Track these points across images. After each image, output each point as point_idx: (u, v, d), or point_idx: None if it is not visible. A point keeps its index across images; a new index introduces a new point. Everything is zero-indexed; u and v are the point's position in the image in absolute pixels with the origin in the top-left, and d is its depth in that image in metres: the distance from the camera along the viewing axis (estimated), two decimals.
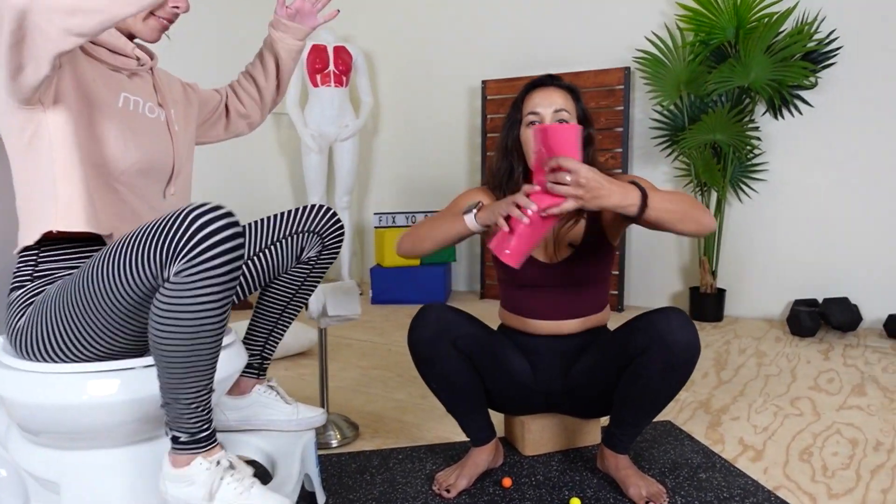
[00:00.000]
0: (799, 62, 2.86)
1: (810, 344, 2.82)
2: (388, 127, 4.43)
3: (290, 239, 1.41)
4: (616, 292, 3.52)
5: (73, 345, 1.08)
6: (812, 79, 3.01)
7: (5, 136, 1.12)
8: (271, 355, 1.48)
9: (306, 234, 1.42)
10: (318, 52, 3.93)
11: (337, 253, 1.48)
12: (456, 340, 1.49)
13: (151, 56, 1.33)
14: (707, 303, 3.24)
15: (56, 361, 1.10)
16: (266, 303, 1.45)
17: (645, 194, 1.27)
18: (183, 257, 0.96)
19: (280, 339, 1.49)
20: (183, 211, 0.97)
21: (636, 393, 1.43)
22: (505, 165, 1.57)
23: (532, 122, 1.52)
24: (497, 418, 1.99)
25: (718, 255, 3.26)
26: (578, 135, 1.25)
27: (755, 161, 3.22)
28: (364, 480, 1.63)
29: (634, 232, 3.59)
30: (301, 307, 1.49)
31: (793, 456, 1.72)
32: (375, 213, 3.89)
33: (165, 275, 0.98)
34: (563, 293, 1.60)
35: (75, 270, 1.10)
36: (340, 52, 3.97)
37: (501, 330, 1.73)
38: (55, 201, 1.10)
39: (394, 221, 3.89)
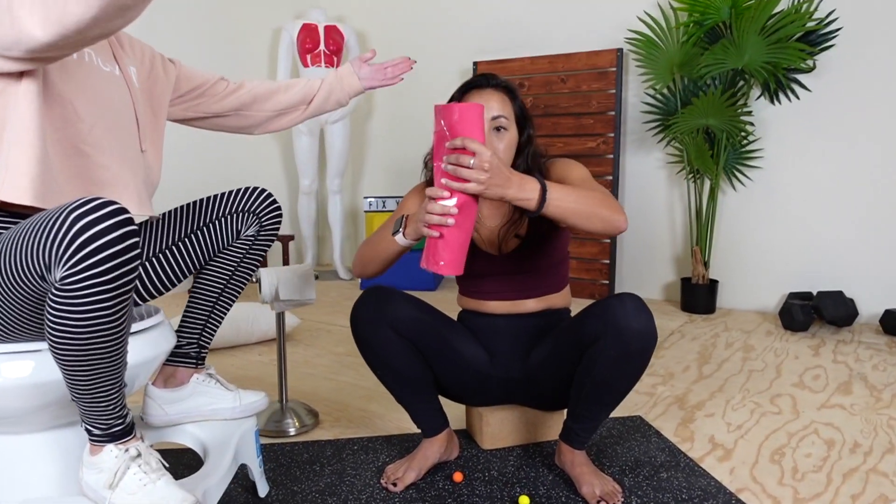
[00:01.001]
0: (795, 44, 2.73)
1: (801, 339, 2.72)
2: (381, 110, 4.34)
3: (226, 219, 1.35)
4: (607, 282, 3.43)
5: None
6: (809, 61, 2.88)
7: None
8: (209, 343, 1.42)
9: (244, 215, 1.36)
10: (309, 31, 3.85)
11: (274, 234, 1.42)
12: (395, 324, 1.42)
13: None
14: (699, 294, 3.15)
15: None
16: (202, 287, 1.39)
17: (545, 189, 1.20)
18: (64, 264, 0.87)
19: (218, 325, 1.42)
20: (64, 210, 0.88)
21: (590, 383, 1.36)
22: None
23: None
24: (458, 410, 1.93)
25: (711, 245, 3.16)
26: (482, 114, 1.18)
27: (749, 148, 3.10)
28: (313, 471, 1.57)
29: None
30: (239, 291, 1.43)
31: (763, 456, 1.64)
32: (366, 198, 3.83)
33: (51, 279, 0.90)
34: (519, 276, 1.54)
35: None
36: (332, 31, 3.89)
37: (462, 315, 1.66)
38: (5, 168, 1.02)
39: (384, 206, 3.82)
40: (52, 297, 0.90)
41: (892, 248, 2.88)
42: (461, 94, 1.48)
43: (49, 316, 0.91)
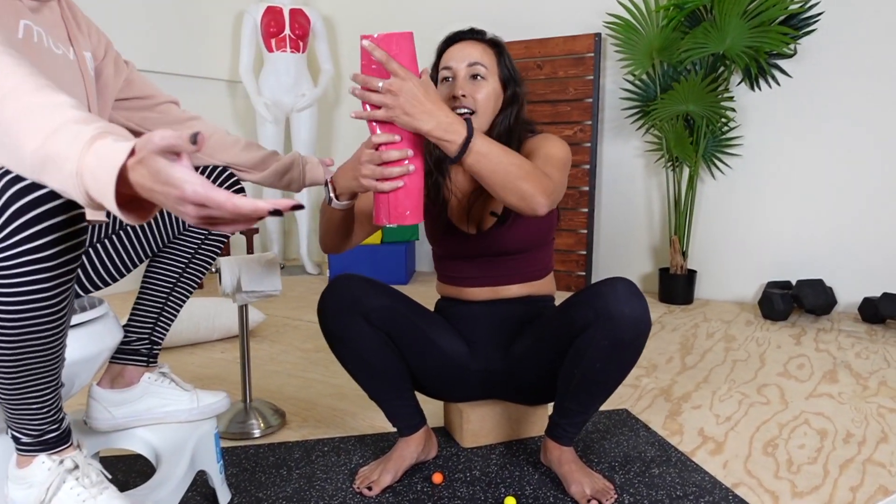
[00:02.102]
0: (777, 27, 2.68)
1: (782, 328, 2.68)
2: (350, 97, 4.20)
3: None
4: (583, 273, 3.35)
5: None
6: (791, 46, 2.83)
7: None
8: (162, 339, 1.28)
9: None
10: (273, 14, 3.69)
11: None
12: (368, 314, 1.31)
13: None
14: (677, 284, 3.09)
15: None
16: (154, 276, 1.25)
17: (470, 136, 1.09)
18: None
19: (172, 320, 1.29)
20: None
21: (580, 375, 1.26)
22: None
23: (446, 79, 1.35)
24: (436, 406, 1.82)
25: (690, 235, 3.10)
26: (412, 43, 1.05)
27: (729, 135, 3.05)
28: (280, 476, 1.45)
29: (604, 210, 3.42)
30: (195, 281, 1.30)
31: (756, 449, 1.57)
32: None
33: None
34: (500, 259, 1.43)
35: None
36: (297, 15, 3.73)
37: (440, 304, 1.55)
38: None
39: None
40: None
41: (870, 236, 2.86)
42: (444, 46, 1.38)
43: None
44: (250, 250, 3.74)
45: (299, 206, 0.62)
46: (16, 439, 0.90)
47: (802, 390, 1.96)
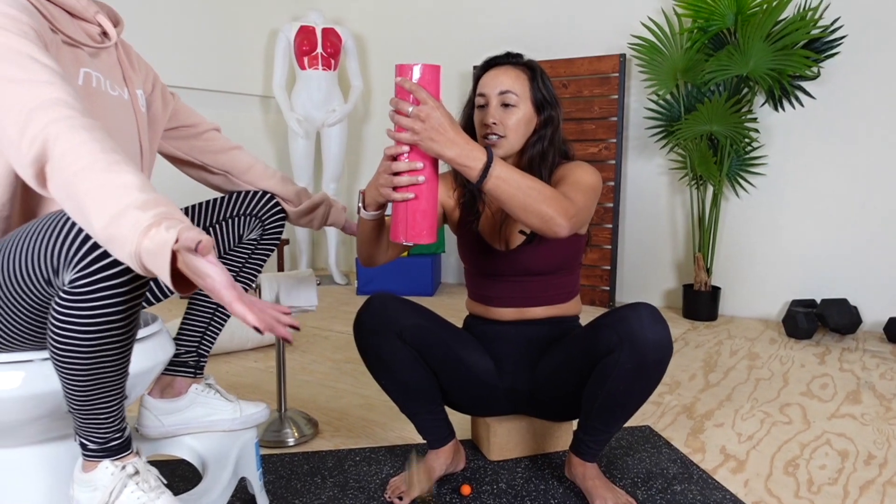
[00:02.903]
0: (800, 51, 2.71)
1: (806, 347, 2.69)
2: (379, 113, 4.30)
3: (229, 222, 1.30)
4: (608, 288, 3.39)
5: None
6: (814, 69, 2.86)
7: None
8: (209, 351, 1.36)
9: (246, 218, 1.31)
10: (306, 33, 3.81)
11: (278, 238, 1.37)
12: (402, 332, 1.37)
13: (116, 22, 1.17)
14: (701, 301, 3.11)
15: None
16: (201, 294, 1.33)
17: (490, 162, 1.15)
18: (75, 266, 0.83)
19: (218, 333, 1.37)
20: None
21: (604, 395, 1.31)
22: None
23: (480, 106, 1.42)
24: (464, 420, 1.88)
25: (714, 252, 3.13)
26: (439, 75, 1.14)
27: (753, 154, 3.08)
28: (314, 484, 1.52)
29: (628, 226, 3.46)
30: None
31: (777, 468, 1.60)
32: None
33: (59, 282, 0.86)
34: (527, 280, 1.49)
35: None
36: (329, 34, 3.84)
37: (468, 321, 1.62)
38: None
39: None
40: (58, 301, 0.85)
41: (895, 255, 2.86)
42: (481, 70, 1.45)
43: (54, 321, 0.86)
44: (281, 260, 3.84)
45: (287, 340, 0.83)
46: (83, 446, 0.98)
47: (825, 410, 1.98)
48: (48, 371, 1.01)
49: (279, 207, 1.36)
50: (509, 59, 1.44)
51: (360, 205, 1.31)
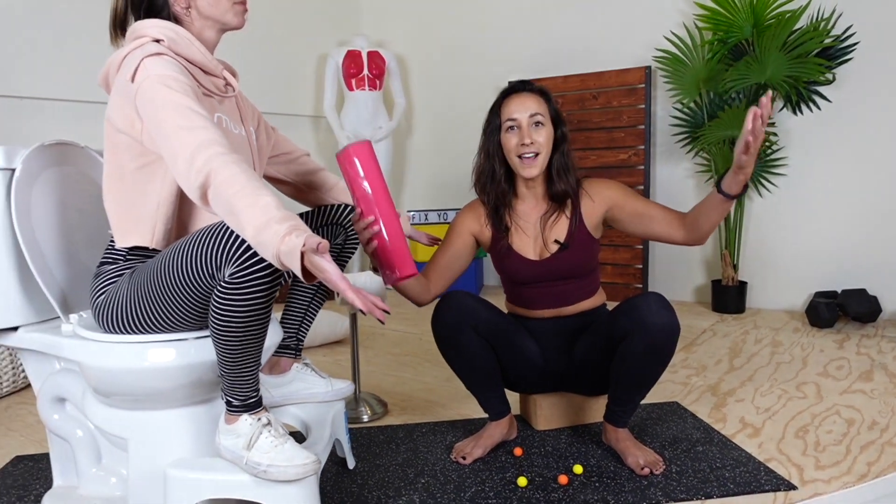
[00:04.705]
0: (815, 59, 2.92)
1: (827, 334, 2.89)
2: (421, 127, 4.61)
3: (320, 230, 1.60)
4: (640, 286, 3.63)
5: (143, 322, 1.28)
6: (829, 74, 3.07)
7: (114, 152, 1.29)
8: (305, 336, 1.67)
9: (333, 227, 1.60)
10: (353, 57, 4.14)
11: (358, 243, 1.66)
12: (477, 325, 1.65)
13: (234, 74, 1.47)
14: (729, 295, 3.33)
15: (128, 333, 1.30)
16: (299, 288, 1.64)
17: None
18: (234, 262, 1.13)
19: (312, 321, 1.67)
20: None
21: (624, 372, 1.58)
22: (488, 168, 1.72)
23: (511, 128, 1.65)
24: (512, 397, 2.15)
25: (740, 249, 3.34)
26: (371, 150, 1.34)
27: (774, 156, 3.29)
28: (390, 449, 1.81)
29: None
30: (329, 291, 1.68)
31: (789, 433, 1.83)
32: (409, 211, 4.08)
33: (220, 276, 1.16)
34: (557, 285, 1.75)
35: (149, 261, 1.29)
36: (374, 56, 4.17)
37: (510, 317, 1.89)
38: (153, 225, 1.30)
39: (426, 218, 4.07)
40: (219, 290, 1.15)
41: None
42: (502, 98, 1.69)
43: (216, 305, 1.17)
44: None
45: (381, 320, 1.13)
46: (228, 403, 1.29)
47: (838, 387, 2.20)
48: (196, 348, 1.32)
49: None
50: (526, 87, 1.68)
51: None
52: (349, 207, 1.62)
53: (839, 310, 3.02)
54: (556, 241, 1.72)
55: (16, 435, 2.03)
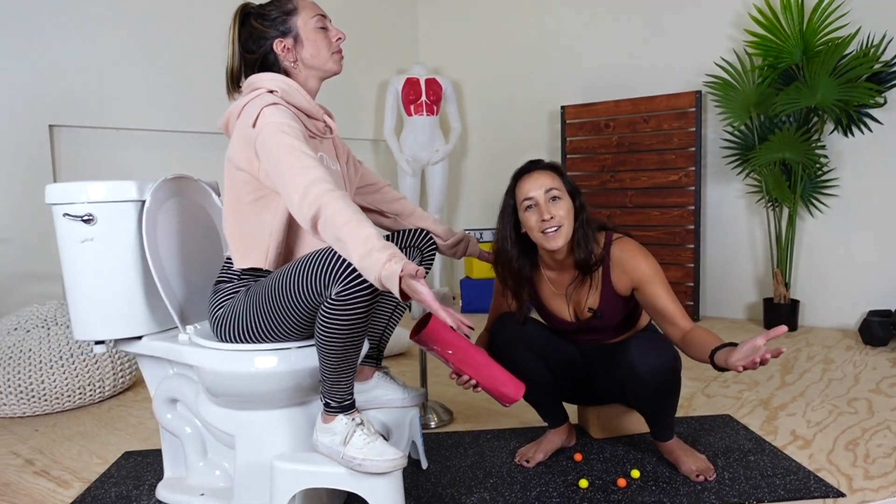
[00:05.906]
0: (864, 83, 2.99)
1: (881, 353, 2.93)
2: (476, 149, 4.80)
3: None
4: (692, 303, 3.71)
5: (257, 332, 1.48)
6: (879, 98, 3.12)
7: (233, 186, 1.50)
8: (385, 347, 1.85)
9: (411, 249, 1.78)
10: (411, 84, 4.37)
11: (432, 263, 1.84)
12: (530, 343, 1.81)
13: (331, 116, 1.67)
14: (781, 313, 3.39)
15: (242, 342, 1.51)
16: (380, 304, 1.83)
17: None
18: (341, 282, 1.32)
19: (391, 333, 1.86)
20: None
21: (639, 408, 1.73)
22: (509, 249, 1.77)
23: (529, 206, 1.68)
24: (571, 407, 2.29)
25: (792, 267, 3.40)
26: (436, 323, 1.41)
27: (825, 177, 3.35)
28: (459, 453, 1.97)
29: (709, 246, 3.77)
30: (406, 306, 1.86)
31: (839, 446, 1.92)
32: (465, 229, 4.26)
33: (328, 293, 1.35)
34: (598, 335, 1.88)
35: (263, 280, 1.50)
36: (432, 83, 4.39)
37: None
38: (266, 249, 1.51)
39: (481, 236, 4.24)
40: (326, 306, 1.35)
41: None
42: (515, 180, 1.73)
43: (322, 319, 1.36)
44: None
45: (467, 336, 1.31)
46: (326, 404, 1.47)
47: (890, 403, 2.26)
48: (297, 356, 1.51)
49: (433, 241, 1.84)
50: (537, 166, 1.71)
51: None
52: (425, 232, 1.81)
53: (893, 328, 3.05)
54: (590, 310, 1.79)
55: (121, 434, 2.27)
